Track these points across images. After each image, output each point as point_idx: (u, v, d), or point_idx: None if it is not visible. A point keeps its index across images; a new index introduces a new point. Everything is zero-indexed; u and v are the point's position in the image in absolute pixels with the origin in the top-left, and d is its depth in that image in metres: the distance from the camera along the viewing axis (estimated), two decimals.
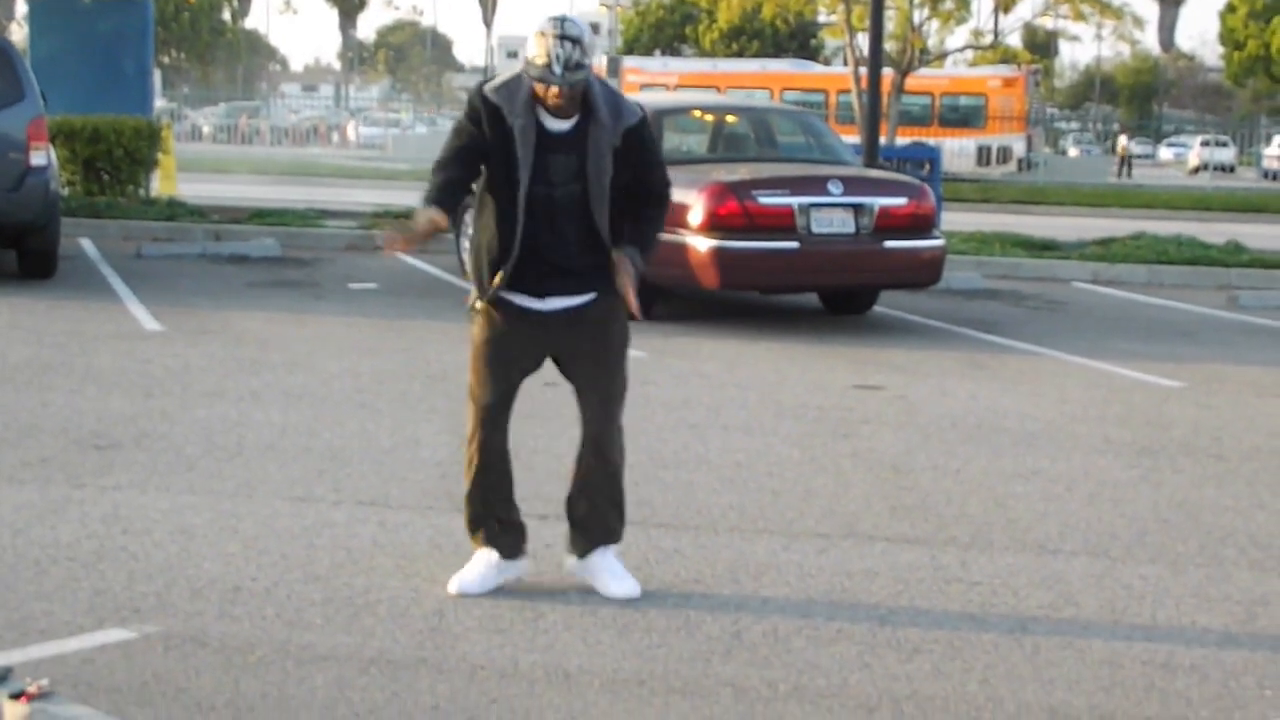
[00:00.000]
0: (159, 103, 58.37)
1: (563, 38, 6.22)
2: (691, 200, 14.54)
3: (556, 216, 6.52)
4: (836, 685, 5.87)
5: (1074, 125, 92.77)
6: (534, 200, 6.49)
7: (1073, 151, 74.88)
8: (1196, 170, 69.49)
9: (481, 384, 6.70)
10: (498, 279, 6.56)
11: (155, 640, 6.01)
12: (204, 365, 12.06)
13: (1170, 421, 11.22)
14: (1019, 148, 54.39)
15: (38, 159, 16.30)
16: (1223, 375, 13.37)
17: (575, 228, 6.54)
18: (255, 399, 10.82)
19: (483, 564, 6.80)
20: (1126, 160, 67.04)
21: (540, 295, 6.61)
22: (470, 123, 6.55)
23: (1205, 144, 71.35)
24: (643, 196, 6.65)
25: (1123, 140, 70.92)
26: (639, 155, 6.57)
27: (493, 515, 6.79)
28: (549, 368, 6.84)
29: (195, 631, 6.12)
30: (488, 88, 6.56)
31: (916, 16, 42.75)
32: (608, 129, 6.44)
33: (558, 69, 6.23)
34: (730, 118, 18.00)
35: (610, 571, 6.82)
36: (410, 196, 26.95)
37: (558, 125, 6.47)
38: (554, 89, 6.30)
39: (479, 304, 6.65)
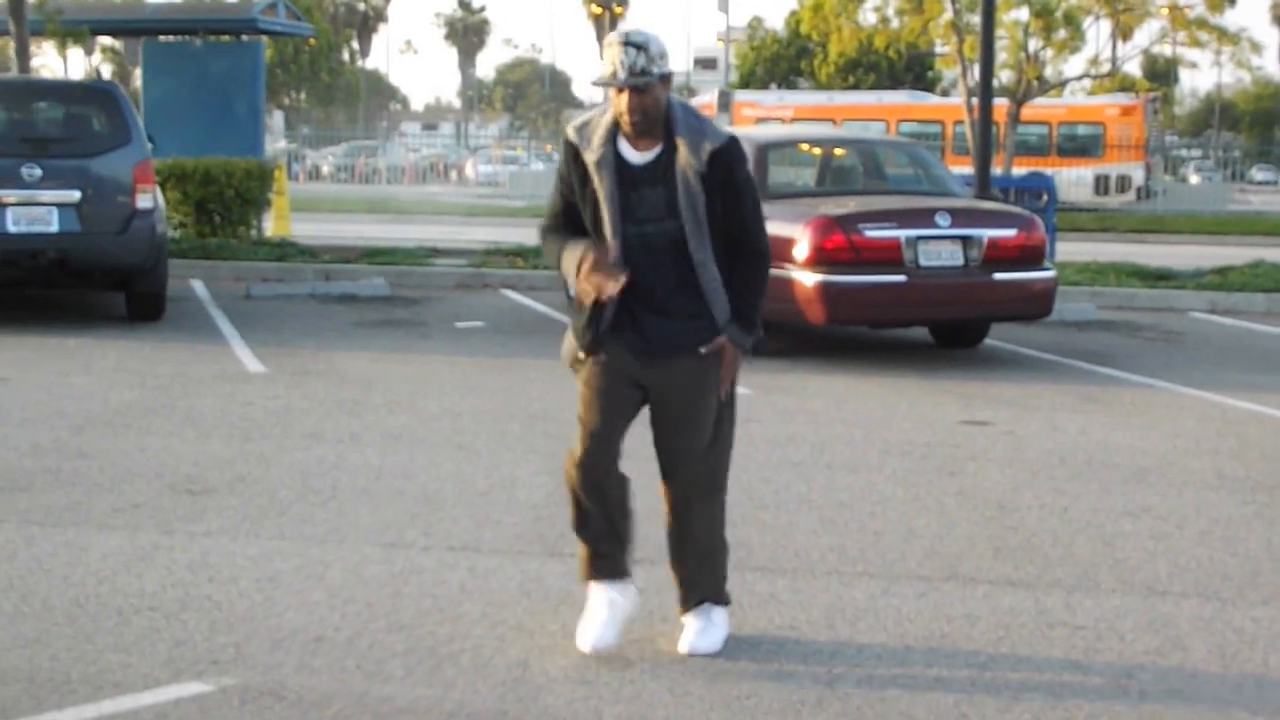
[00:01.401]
0: (280, 144, 59.00)
1: (627, 44, 6.07)
2: (797, 234, 14.38)
3: (651, 256, 6.24)
4: None
5: (1195, 153, 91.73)
6: (627, 239, 6.23)
7: (1194, 179, 74.12)
8: None
9: (586, 409, 6.40)
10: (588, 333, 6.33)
11: (232, 694, 5.90)
12: (305, 407, 12.01)
13: None
14: (1138, 176, 53.71)
15: (144, 202, 16.36)
16: None
17: (671, 268, 6.24)
18: (353, 441, 10.74)
19: (602, 611, 6.49)
20: None
21: (638, 336, 6.31)
22: (564, 165, 6.36)
23: None
24: (736, 242, 6.25)
25: None
26: (726, 180, 6.18)
27: (599, 543, 6.50)
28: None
29: (273, 684, 6.01)
30: (570, 125, 6.41)
31: (1030, 45, 42.35)
32: (691, 153, 6.15)
33: (622, 74, 6.06)
34: (838, 151, 17.80)
35: (690, 627, 6.54)
36: (524, 233, 27.00)
37: (639, 157, 6.22)
38: (625, 100, 6.10)
39: (580, 355, 6.38)
